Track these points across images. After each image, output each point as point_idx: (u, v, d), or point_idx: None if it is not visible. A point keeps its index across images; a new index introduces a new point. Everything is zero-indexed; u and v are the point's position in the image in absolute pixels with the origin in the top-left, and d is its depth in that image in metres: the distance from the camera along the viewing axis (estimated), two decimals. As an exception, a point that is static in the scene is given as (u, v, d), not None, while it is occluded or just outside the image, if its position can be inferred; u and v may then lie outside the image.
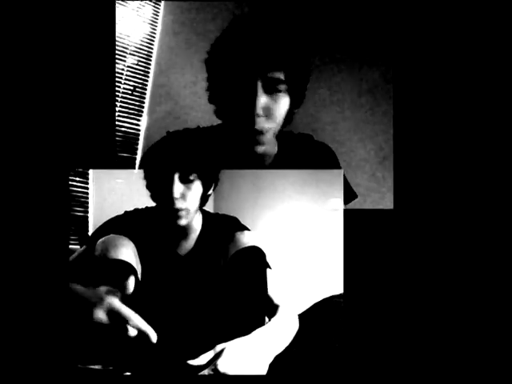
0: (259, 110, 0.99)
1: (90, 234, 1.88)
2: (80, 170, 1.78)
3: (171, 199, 1.04)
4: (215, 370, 0.91)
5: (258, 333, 0.99)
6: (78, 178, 1.81)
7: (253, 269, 1.10)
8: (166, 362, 1.03)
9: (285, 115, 1.04)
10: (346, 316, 1.26)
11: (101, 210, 1.88)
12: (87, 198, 1.88)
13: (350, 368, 1.27)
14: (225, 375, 0.91)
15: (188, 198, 1.07)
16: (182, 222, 1.08)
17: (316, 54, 1.74)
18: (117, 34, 1.42)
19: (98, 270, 1.04)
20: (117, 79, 1.53)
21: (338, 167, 1.32)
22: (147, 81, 1.92)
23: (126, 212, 1.19)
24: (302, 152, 1.24)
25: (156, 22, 1.91)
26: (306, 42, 1.09)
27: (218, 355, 0.92)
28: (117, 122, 1.80)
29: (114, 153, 1.34)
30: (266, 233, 1.91)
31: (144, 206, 1.19)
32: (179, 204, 1.05)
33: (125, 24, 1.79)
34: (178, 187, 1.05)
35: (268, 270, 1.14)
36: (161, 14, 1.91)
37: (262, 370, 0.95)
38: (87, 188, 1.87)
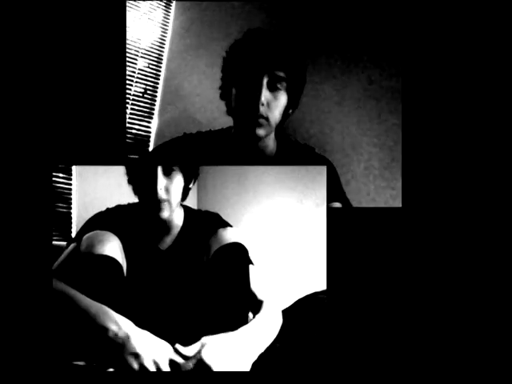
0: (264, 101, 1.20)
1: (73, 230, 1.90)
2: (63, 166, 1.77)
3: (155, 191, 1.07)
4: (200, 361, 0.91)
5: (243, 330, 1.00)
6: (61, 174, 1.81)
7: (235, 265, 1.11)
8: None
9: (282, 111, 1.26)
10: (330, 312, 1.27)
11: (84, 206, 1.87)
12: (70, 194, 1.88)
13: (334, 363, 1.27)
14: (209, 369, 0.91)
15: (170, 190, 1.10)
16: (165, 214, 1.11)
17: (323, 54, 1.75)
18: (128, 37, 1.44)
19: (84, 266, 1.04)
20: (128, 82, 1.55)
21: (337, 180, 1.35)
22: (158, 83, 1.93)
23: (107, 209, 1.21)
24: (302, 161, 1.36)
25: (167, 25, 1.92)
26: (305, 47, 1.35)
27: (203, 347, 0.93)
28: (127, 124, 1.82)
29: (124, 154, 1.36)
30: (250, 229, 1.90)
31: (126, 203, 1.21)
32: (162, 196, 1.09)
33: (136, 27, 1.81)
34: (161, 180, 1.08)
35: (251, 266, 1.15)
36: (171, 17, 1.92)
37: (245, 366, 0.95)
38: (70, 184, 1.87)
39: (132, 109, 1.86)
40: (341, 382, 1.27)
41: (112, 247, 1.08)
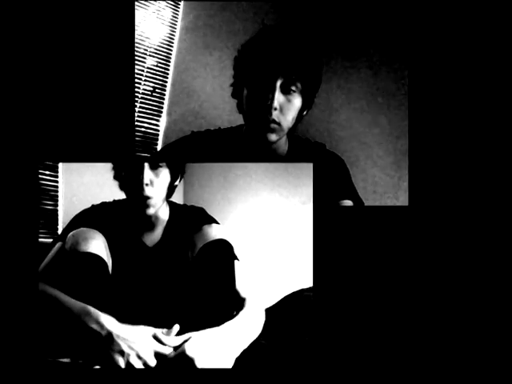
0: (276, 105, 1.15)
1: (59, 227, 1.90)
2: (49, 163, 1.77)
3: (141, 187, 1.08)
4: (182, 353, 0.93)
5: (226, 326, 1.01)
6: (47, 172, 1.80)
7: (220, 262, 1.11)
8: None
9: (296, 115, 1.19)
10: (316, 309, 1.27)
11: (70, 204, 1.88)
12: (57, 191, 1.88)
13: (320, 361, 1.28)
14: (192, 362, 0.92)
15: (156, 185, 1.10)
16: (151, 210, 1.11)
17: (330, 52, 1.75)
18: (137, 36, 1.45)
19: (69, 264, 1.05)
20: (137, 80, 1.56)
21: (348, 177, 1.35)
22: (166, 82, 1.94)
23: (93, 206, 1.21)
24: (313, 158, 1.32)
25: (175, 24, 1.93)
26: (320, 49, 1.25)
27: (186, 340, 0.95)
28: (136, 122, 1.83)
29: (133, 151, 1.37)
30: (236, 226, 1.90)
31: (112, 200, 1.21)
32: (148, 191, 1.09)
33: (145, 26, 1.82)
34: (147, 174, 1.08)
35: (236, 261, 1.15)
36: (180, 16, 1.93)
37: (228, 361, 0.97)
38: (57, 181, 1.87)
39: (141, 107, 1.87)
40: (327, 380, 1.27)
41: (97, 245, 1.08)
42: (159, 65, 1.91)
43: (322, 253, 1.28)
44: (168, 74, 1.94)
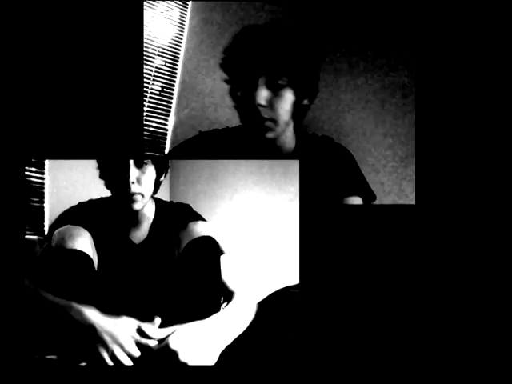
0: (261, 101, 1.14)
1: (46, 224, 1.89)
2: (36, 160, 1.77)
3: (127, 184, 1.08)
4: (166, 346, 0.94)
5: (211, 319, 1.02)
6: (34, 169, 1.80)
7: (206, 259, 1.11)
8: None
9: (291, 107, 1.18)
10: (302, 306, 1.27)
11: (57, 201, 1.87)
12: (43, 188, 1.87)
13: (306, 357, 1.28)
14: (176, 355, 0.93)
15: (143, 182, 1.10)
16: (138, 206, 1.11)
17: (339, 50, 1.75)
18: (145, 36, 1.46)
19: (55, 261, 1.05)
20: (145, 80, 1.57)
21: (357, 169, 1.34)
22: (174, 81, 1.95)
23: (80, 203, 1.21)
24: (321, 152, 1.32)
25: (183, 24, 1.94)
26: (308, 38, 1.24)
27: (171, 334, 0.96)
28: (145, 122, 1.84)
29: (142, 151, 1.38)
30: (223, 223, 1.90)
31: (99, 197, 1.22)
32: (135, 189, 1.09)
33: (153, 26, 1.83)
34: (133, 172, 1.09)
35: (222, 256, 1.15)
36: (188, 16, 1.94)
37: (213, 356, 0.97)
38: (43, 178, 1.86)
39: (149, 106, 1.88)
40: (313, 376, 1.27)
41: (83, 242, 1.09)
42: (167, 64, 1.92)
43: (308, 250, 1.28)
44: (176, 73, 1.95)
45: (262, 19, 1.79)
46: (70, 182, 1.82)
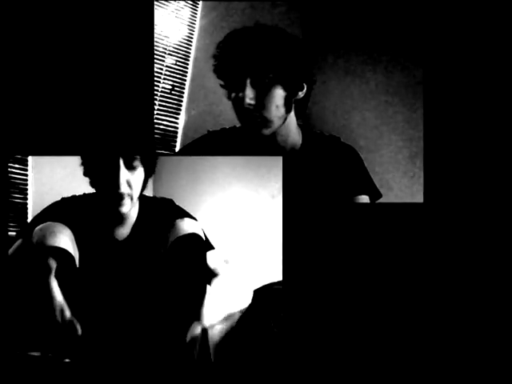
0: (249, 101, 1.19)
1: (29, 221, 1.88)
2: (19, 156, 1.74)
3: (117, 185, 1.08)
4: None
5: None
6: (16, 165, 1.78)
7: (192, 256, 1.12)
8: (106, 348, 1.05)
9: (282, 102, 1.21)
10: (285, 303, 1.28)
11: (40, 197, 1.84)
12: (27, 184, 1.85)
13: (289, 353, 1.28)
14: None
15: (132, 183, 1.11)
16: (125, 209, 1.12)
17: (345, 49, 1.75)
18: (156, 35, 1.47)
19: (36, 258, 1.05)
20: (156, 78, 1.58)
21: (363, 168, 1.35)
22: (185, 80, 1.96)
23: (63, 198, 1.21)
24: (328, 151, 1.35)
25: (194, 24, 1.95)
26: (293, 33, 1.27)
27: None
28: (156, 120, 1.85)
29: (153, 149, 1.39)
30: (206, 219, 1.86)
31: (82, 193, 1.21)
32: (124, 190, 1.09)
33: (164, 25, 1.84)
34: (123, 173, 1.09)
35: (209, 252, 1.17)
36: (198, 16, 1.95)
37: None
38: (26, 175, 1.84)
39: (160, 105, 1.89)
40: (295, 371, 1.28)
41: (64, 239, 1.08)
42: (178, 63, 1.93)
43: (292, 246, 1.29)
44: (187, 72, 1.96)
45: (274, 19, 1.79)
46: (53, 178, 1.81)
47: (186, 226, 1.17)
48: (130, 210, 1.17)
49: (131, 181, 1.11)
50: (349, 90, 1.76)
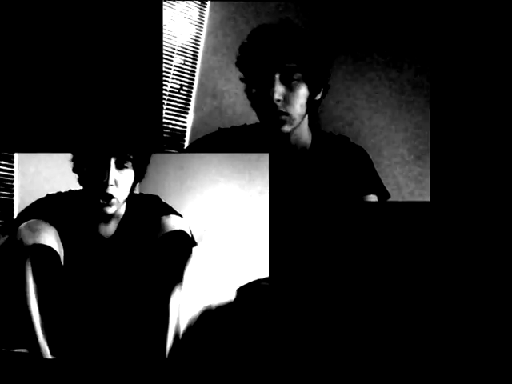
0: (278, 96, 1.18)
1: (14, 218, 1.88)
2: (5, 153, 1.74)
3: (105, 184, 1.06)
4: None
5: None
6: (3, 162, 1.77)
7: (178, 252, 1.10)
8: (92, 344, 1.04)
9: (305, 102, 1.22)
10: (272, 299, 1.28)
11: (27, 194, 1.82)
12: (13, 181, 1.84)
13: (276, 350, 1.28)
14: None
15: (120, 185, 1.09)
16: (111, 210, 1.10)
17: (354, 49, 1.76)
18: (165, 35, 1.48)
19: (21, 255, 1.03)
20: (164, 78, 1.59)
21: (373, 169, 1.35)
22: (193, 79, 1.97)
23: (48, 195, 1.19)
24: (337, 151, 1.34)
25: (202, 23, 1.96)
26: (320, 35, 1.30)
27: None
28: (164, 120, 1.86)
29: (161, 148, 1.40)
30: (193, 216, 1.84)
31: (68, 190, 1.20)
32: (112, 191, 1.08)
33: (173, 26, 1.85)
34: (113, 173, 1.07)
35: (195, 248, 1.15)
36: (206, 16, 1.96)
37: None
38: (13, 172, 1.83)
39: (168, 104, 1.90)
40: (282, 369, 1.27)
41: (48, 236, 1.07)
42: (186, 63, 1.94)
43: (279, 243, 1.29)
44: (195, 72, 1.97)
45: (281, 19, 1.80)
46: (40, 175, 1.79)
47: (172, 223, 1.16)
48: (116, 211, 1.16)
49: (120, 182, 1.10)
50: (356, 90, 1.76)
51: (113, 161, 1.08)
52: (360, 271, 1.29)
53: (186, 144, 1.97)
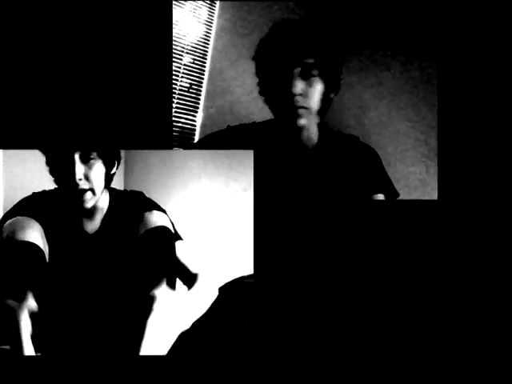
0: (299, 91, 1.22)
1: (0, 214, 1.85)
2: None
3: (74, 181, 1.07)
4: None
5: (176, 301, 1.03)
6: None
7: (161, 248, 1.11)
8: (76, 339, 1.05)
9: (320, 97, 1.26)
10: (256, 296, 1.29)
11: (12, 192, 1.78)
12: None
13: (260, 346, 1.28)
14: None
15: (91, 178, 1.09)
16: (88, 204, 1.11)
17: (362, 46, 1.76)
18: (174, 34, 1.49)
19: (5, 253, 1.04)
20: (174, 77, 1.60)
21: (382, 168, 1.36)
22: (203, 78, 1.98)
23: (33, 193, 1.20)
24: (347, 150, 1.37)
25: (211, 23, 1.97)
26: (337, 37, 1.34)
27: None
28: (174, 118, 1.87)
29: (170, 146, 1.42)
30: (177, 213, 1.85)
31: (53, 187, 1.20)
32: (83, 185, 1.08)
33: (182, 25, 1.87)
34: (79, 168, 1.08)
35: (179, 241, 1.16)
36: (216, 15, 1.97)
37: (168, 343, 0.96)
38: None
39: (178, 103, 1.91)
40: (266, 365, 1.28)
41: (33, 233, 1.07)
42: (195, 62, 1.96)
43: (263, 240, 1.29)
44: (204, 70, 1.98)
45: (290, 18, 1.81)
46: (25, 173, 1.76)
47: (155, 219, 1.16)
48: (97, 203, 1.17)
49: (90, 175, 1.10)
50: (363, 88, 1.76)
51: (77, 156, 1.08)
52: (363, 269, 1.30)
53: (195, 141, 1.98)
